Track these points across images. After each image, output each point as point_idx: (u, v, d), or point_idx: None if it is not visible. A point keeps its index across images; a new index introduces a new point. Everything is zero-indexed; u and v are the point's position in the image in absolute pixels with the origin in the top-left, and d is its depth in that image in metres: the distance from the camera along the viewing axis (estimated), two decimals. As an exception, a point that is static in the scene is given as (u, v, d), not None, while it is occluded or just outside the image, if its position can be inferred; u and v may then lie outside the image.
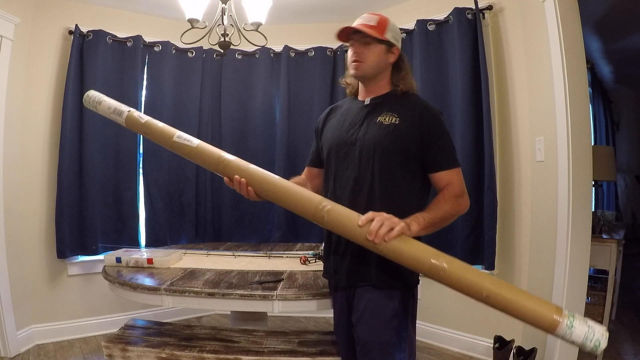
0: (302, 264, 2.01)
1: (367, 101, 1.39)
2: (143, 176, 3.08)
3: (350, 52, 1.36)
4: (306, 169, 1.61)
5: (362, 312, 1.29)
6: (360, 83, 1.43)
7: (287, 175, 1.45)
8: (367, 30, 1.30)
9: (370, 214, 1.13)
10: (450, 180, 1.28)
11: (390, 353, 1.26)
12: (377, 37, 1.30)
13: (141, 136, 3.06)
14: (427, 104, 1.36)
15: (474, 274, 1.07)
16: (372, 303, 1.28)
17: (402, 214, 1.17)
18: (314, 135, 1.57)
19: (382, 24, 1.33)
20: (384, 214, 1.12)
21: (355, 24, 1.34)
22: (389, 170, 1.29)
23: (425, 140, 1.28)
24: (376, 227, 1.09)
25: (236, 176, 1.27)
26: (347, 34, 1.34)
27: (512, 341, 2.25)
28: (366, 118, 1.36)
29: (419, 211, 1.23)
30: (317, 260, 2.00)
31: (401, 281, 1.29)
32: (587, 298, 2.44)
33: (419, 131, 1.28)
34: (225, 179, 1.30)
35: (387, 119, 1.31)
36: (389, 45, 1.35)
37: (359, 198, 1.30)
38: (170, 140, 1.37)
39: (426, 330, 2.84)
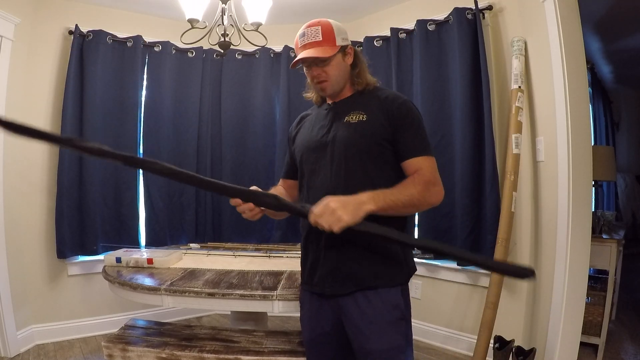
0: None
1: (332, 104, 1.34)
2: (143, 176, 3.08)
3: (309, 75, 1.31)
4: (281, 180, 1.52)
5: (366, 320, 1.18)
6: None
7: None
8: (319, 54, 1.23)
9: (321, 208, 1.07)
10: (420, 167, 1.19)
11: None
12: (330, 54, 1.24)
13: (141, 136, 3.07)
14: (393, 93, 1.30)
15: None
16: (375, 308, 1.18)
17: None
18: (287, 145, 1.50)
19: (329, 33, 1.25)
20: (332, 204, 1.05)
21: (301, 45, 1.27)
22: (363, 169, 1.22)
23: (395, 130, 1.22)
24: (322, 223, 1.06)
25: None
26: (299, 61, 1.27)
27: (512, 341, 2.25)
28: (334, 120, 1.30)
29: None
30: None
31: (398, 275, 1.22)
32: (587, 298, 2.44)
33: (388, 122, 1.22)
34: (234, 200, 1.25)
35: (354, 117, 1.26)
36: (343, 48, 1.28)
37: None
38: None
39: (426, 330, 2.84)
